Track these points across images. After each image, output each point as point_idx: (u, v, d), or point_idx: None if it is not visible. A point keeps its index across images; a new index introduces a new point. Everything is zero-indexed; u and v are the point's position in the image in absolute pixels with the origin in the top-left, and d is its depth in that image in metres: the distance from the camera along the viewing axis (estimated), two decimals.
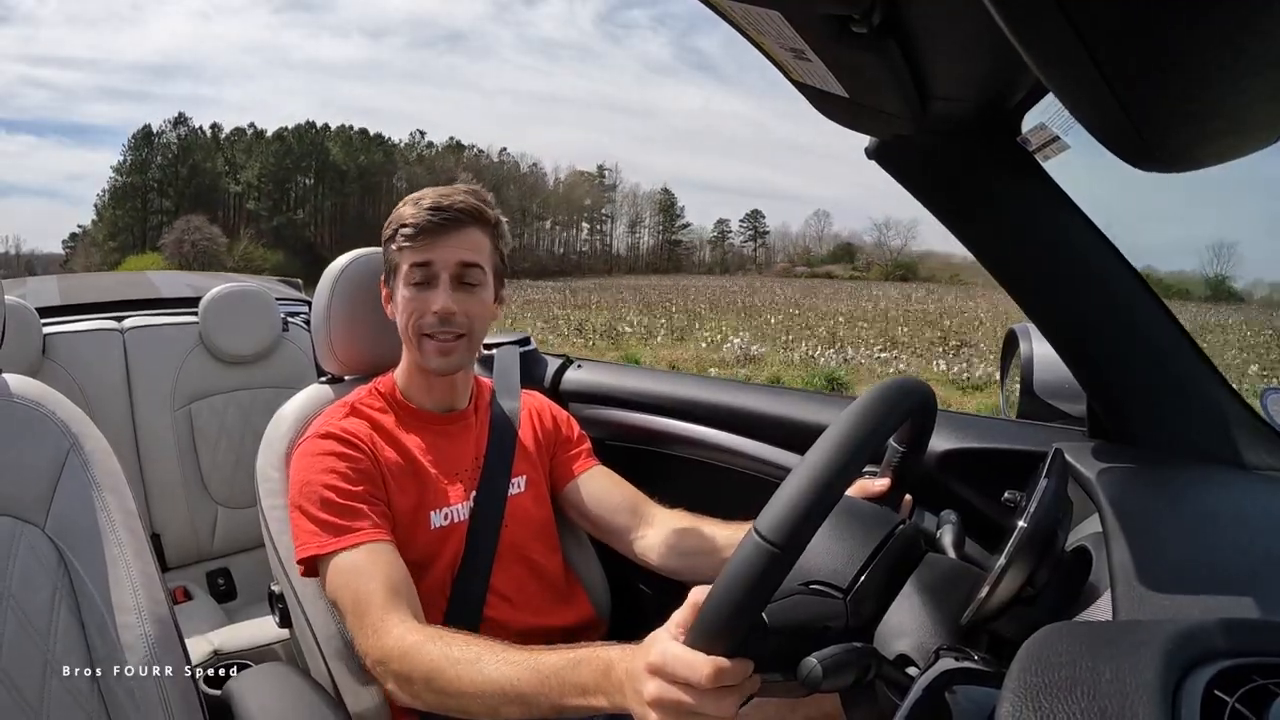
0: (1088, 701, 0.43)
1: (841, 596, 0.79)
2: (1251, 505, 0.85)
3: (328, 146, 69.45)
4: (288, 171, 68.90)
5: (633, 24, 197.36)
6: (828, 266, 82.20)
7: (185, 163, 65.53)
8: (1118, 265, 0.96)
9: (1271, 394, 1.00)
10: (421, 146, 77.39)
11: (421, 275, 1.13)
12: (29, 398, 1.02)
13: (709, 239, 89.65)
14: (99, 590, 0.96)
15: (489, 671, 0.86)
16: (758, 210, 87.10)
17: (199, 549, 2.25)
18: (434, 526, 1.14)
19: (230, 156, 67.26)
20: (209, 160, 66.89)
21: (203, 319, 2.29)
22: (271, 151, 68.15)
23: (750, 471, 1.45)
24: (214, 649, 1.69)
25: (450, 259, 1.13)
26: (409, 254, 1.12)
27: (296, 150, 68.54)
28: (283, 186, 68.69)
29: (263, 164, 67.79)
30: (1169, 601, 0.62)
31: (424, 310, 1.13)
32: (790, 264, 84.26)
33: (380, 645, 0.95)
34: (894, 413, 0.76)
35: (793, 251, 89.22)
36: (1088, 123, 0.49)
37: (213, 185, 65.87)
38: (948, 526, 0.94)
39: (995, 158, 0.94)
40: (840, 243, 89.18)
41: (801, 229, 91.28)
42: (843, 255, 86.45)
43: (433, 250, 1.12)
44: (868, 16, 0.62)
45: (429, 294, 1.13)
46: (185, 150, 66.00)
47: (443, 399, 1.22)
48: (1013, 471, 1.00)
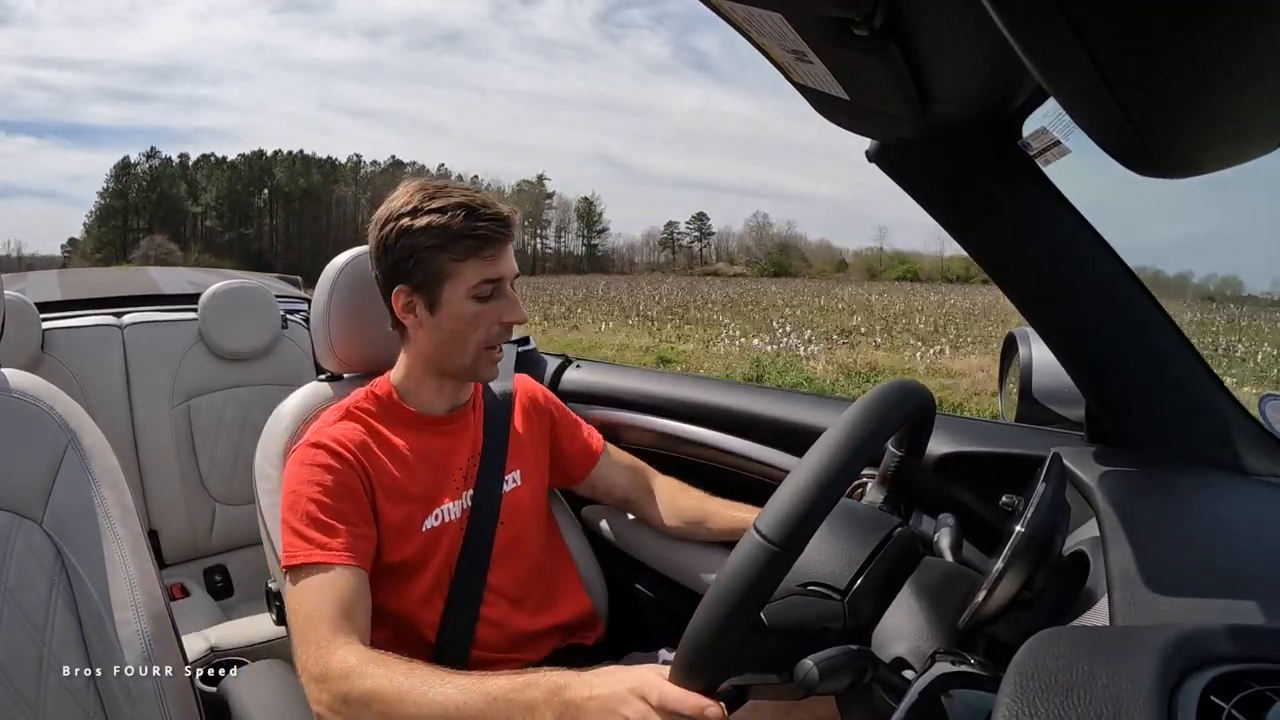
0: (1084, 706, 0.43)
1: (839, 598, 0.79)
2: (1249, 511, 0.85)
3: (275, 172, 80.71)
4: (239, 194, 79.70)
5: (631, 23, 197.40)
6: (718, 265, 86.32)
7: (155, 189, 77.34)
8: (1117, 270, 0.96)
9: (1270, 400, 1.00)
10: (366, 165, 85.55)
11: (492, 289, 1.11)
12: (27, 393, 1.01)
13: (660, 239, 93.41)
14: (96, 586, 0.96)
15: (434, 695, 0.85)
16: (703, 213, 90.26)
17: (196, 546, 2.25)
18: (425, 529, 1.13)
19: (193, 181, 79.17)
20: (175, 186, 78.42)
21: (202, 316, 2.28)
22: (225, 177, 79.57)
23: (749, 472, 1.45)
24: (210, 646, 1.69)
25: (511, 271, 1.12)
26: (477, 267, 1.09)
27: (246, 176, 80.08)
28: (236, 207, 79.58)
29: (218, 188, 78.98)
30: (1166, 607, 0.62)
31: (491, 322, 1.12)
32: (693, 264, 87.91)
33: (322, 662, 0.93)
34: (893, 415, 0.76)
35: (734, 251, 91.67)
36: (1089, 127, 0.49)
37: (177, 207, 77.87)
38: (945, 530, 0.94)
39: (996, 162, 0.94)
40: (778, 242, 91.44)
41: (743, 230, 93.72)
42: (778, 255, 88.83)
43: (500, 263, 1.11)
44: (869, 19, 0.62)
45: (498, 305, 1.11)
46: (155, 179, 77.89)
47: (451, 397, 1.21)
48: (1011, 475, 1.00)
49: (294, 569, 1.01)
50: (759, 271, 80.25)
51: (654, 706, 0.72)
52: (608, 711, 0.75)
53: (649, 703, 0.73)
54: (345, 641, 0.94)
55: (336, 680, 0.90)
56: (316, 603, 0.97)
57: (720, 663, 0.69)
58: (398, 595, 1.11)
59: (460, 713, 0.83)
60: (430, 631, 1.12)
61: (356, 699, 0.89)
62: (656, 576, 1.45)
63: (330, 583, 0.99)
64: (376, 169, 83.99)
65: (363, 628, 0.99)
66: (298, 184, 79.89)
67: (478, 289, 1.09)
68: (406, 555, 1.11)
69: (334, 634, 0.95)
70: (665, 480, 1.38)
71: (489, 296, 1.11)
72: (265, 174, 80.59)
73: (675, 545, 1.38)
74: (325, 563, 1.00)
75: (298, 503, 1.04)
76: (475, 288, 1.09)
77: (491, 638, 1.15)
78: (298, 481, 1.06)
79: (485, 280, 1.09)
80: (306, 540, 1.01)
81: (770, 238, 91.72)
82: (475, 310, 1.10)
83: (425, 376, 1.18)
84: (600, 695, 0.77)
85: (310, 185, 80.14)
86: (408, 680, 0.87)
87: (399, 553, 1.10)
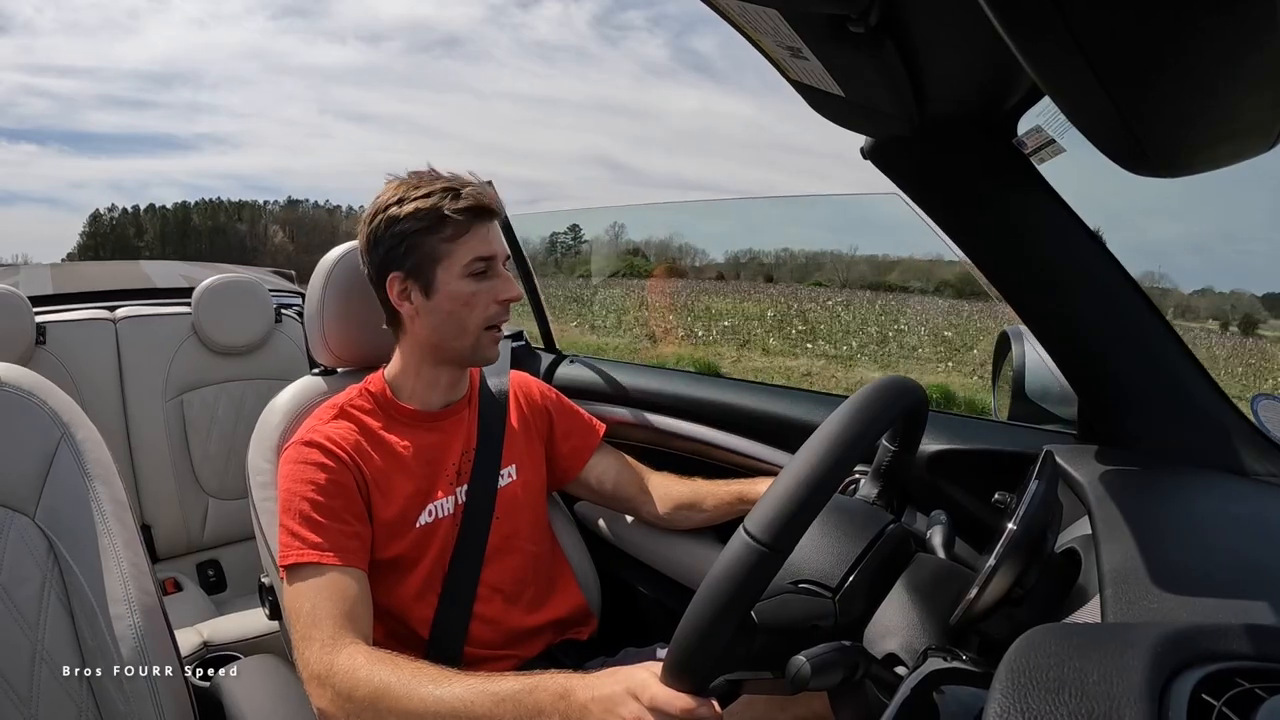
0: (1075, 703, 0.43)
1: (830, 595, 0.79)
2: (1241, 509, 0.86)
3: (192, 215, 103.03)
4: (169, 233, 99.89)
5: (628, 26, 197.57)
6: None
7: (114, 232, 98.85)
8: (1111, 269, 0.96)
9: (1261, 399, 1.01)
10: (269, 204, 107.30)
11: (485, 266, 1.11)
12: (20, 386, 1.01)
13: (545, 246, 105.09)
14: (89, 581, 0.95)
15: (441, 694, 0.85)
16: (576, 225, 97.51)
17: (189, 540, 2.24)
18: (419, 525, 1.13)
19: (140, 224, 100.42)
20: (126, 229, 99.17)
21: (195, 310, 2.27)
22: (159, 220, 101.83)
23: (741, 468, 1.46)
24: (203, 640, 1.68)
25: (502, 250, 1.13)
26: (469, 245, 1.10)
27: (174, 220, 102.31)
28: (166, 241, 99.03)
29: (154, 229, 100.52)
30: (1157, 604, 0.62)
31: (488, 301, 1.12)
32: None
33: (326, 660, 0.93)
34: (886, 412, 0.76)
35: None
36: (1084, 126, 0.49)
37: (127, 244, 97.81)
38: (937, 527, 0.94)
39: (990, 160, 0.94)
40: (631, 248, 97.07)
41: (599, 236, 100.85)
42: (626, 258, 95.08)
43: (489, 241, 1.11)
44: (865, 16, 0.62)
45: (493, 283, 1.12)
46: (115, 225, 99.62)
47: (447, 391, 1.21)
48: (1003, 473, 1.00)
49: (292, 568, 1.01)
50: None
51: (645, 706, 0.73)
52: (607, 712, 0.76)
53: (641, 702, 0.74)
54: (350, 640, 0.95)
55: (342, 679, 0.91)
56: (318, 602, 0.98)
57: (709, 664, 0.69)
58: (390, 591, 1.11)
59: (468, 713, 0.83)
60: (423, 628, 1.12)
61: (362, 697, 0.89)
62: (650, 571, 1.45)
63: (330, 582, 0.99)
64: (277, 206, 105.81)
65: (365, 627, 0.99)
66: (207, 223, 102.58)
67: (471, 266, 1.10)
68: (400, 551, 1.11)
69: (338, 633, 0.95)
70: (659, 475, 1.38)
71: (483, 274, 1.11)
72: (188, 217, 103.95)
73: (669, 540, 1.39)
74: (324, 563, 1.00)
75: (292, 502, 1.04)
76: (469, 265, 1.10)
77: (485, 634, 1.15)
78: (292, 480, 1.06)
79: (478, 258, 1.10)
80: (303, 540, 1.01)
81: (624, 244, 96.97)
82: (472, 289, 1.11)
83: (422, 368, 1.18)
84: (600, 696, 0.77)
85: (216, 224, 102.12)
86: (414, 679, 0.88)
87: (392, 549, 1.10)
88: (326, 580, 0.99)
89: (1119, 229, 1.12)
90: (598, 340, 12.38)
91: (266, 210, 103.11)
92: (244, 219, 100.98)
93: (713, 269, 23.26)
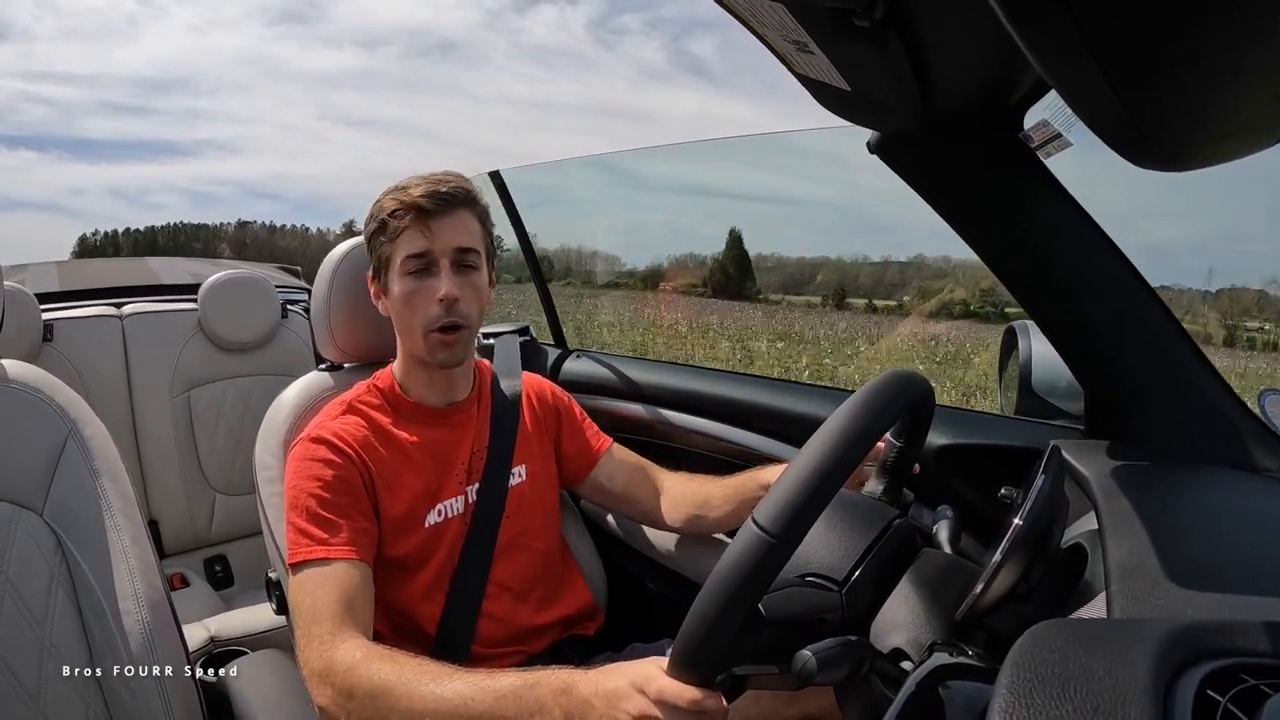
0: (1080, 699, 0.43)
1: (837, 589, 0.79)
2: (1247, 505, 0.85)
3: (158, 238, 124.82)
4: (142, 253, 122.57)
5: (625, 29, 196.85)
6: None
7: (97, 252, 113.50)
8: (1118, 263, 0.96)
9: (1269, 395, 1.00)
10: (225, 225, 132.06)
11: (419, 264, 1.09)
12: (28, 383, 1.01)
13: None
14: (97, 577, 0.96)
15: (441, 690, 0.85)
16: (499, 235, 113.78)
17: (196, 536, 2.26)
18: (428, 524, 1.13)
19: (117, 246, 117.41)
20: (105, 251, 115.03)
21: (202, 306, 2.28)
22: (132, 242, 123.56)
23: (748, 463, 1.45)
24: (211, 636, 1.69)
25: (448, 244, 1.09)
26: (404, 243, 1.09)
27: (143, 241, 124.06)
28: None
29: (128, 249, 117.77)
30: (1164, 600, 0.62)
31: (428, 300, 1.09)
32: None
33: (325, 657, 0.93)
34: (892, 406, 0.76)
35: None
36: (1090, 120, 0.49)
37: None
38: (944, 522, 0.94)
39: (996, 154, 0.94)
40: (543, 256, 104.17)
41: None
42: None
43: (430, 237, 1.08)
44: (870, 10, 0.62)
45: (430, 282, 1.09)
46: (98, 246, 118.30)
47: (444, 392, 1.20)
48: (1009, 468, 1.00)
49: (296, 565, 1.01)
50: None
51: (651, 699, 0.73)
52: (611, 707, 0.76)
53: (647, 696, 0.73)
54: (349, 636, 0.94)
55: (341, 675, 0.90)
56: (319, 598, 0.98)
57: (716, 656, 0.69)
58: (398, 589, 1.11)
59: (468, 709, 0.83)
60: (430, 625, 1.12)
61: (362, 693, 0.88)
62: (657, 567, 1.45)
63: (332, 577, 0.99)
64: (229, 227, 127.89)
65: (366, 622, 0.99)
66: (169, 244, 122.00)
67: (405, 264, 1.10)
68: (408, 550, 1.11)
69: (338, 629, 0.95)
70: (668, 477, 1.34)
71: (420, 273, 1.10)
72: (155, 239, 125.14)
73: (676, 535, 1.38)
74: (326, 558, 1.00)
75: (299, 499, 1.04)
76: (403, 264, 1.10)
77: (493, 632, 1.15)
78: (299, 477, 1.06)
79: (410, 255, 1.09)
80: (308, 536, 1.02)
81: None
82: (409, 288, 1.10)
83: (411, 367, 1.18)
84: (604, 691, 0.77)
85: (178, 244, 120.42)
86: (414, 675, 0.87)
87: (400, 547, 1.10)
88: (329, 576, 0.99)
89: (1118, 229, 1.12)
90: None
91: (221, 231, 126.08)
92: (200, 239, 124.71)
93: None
